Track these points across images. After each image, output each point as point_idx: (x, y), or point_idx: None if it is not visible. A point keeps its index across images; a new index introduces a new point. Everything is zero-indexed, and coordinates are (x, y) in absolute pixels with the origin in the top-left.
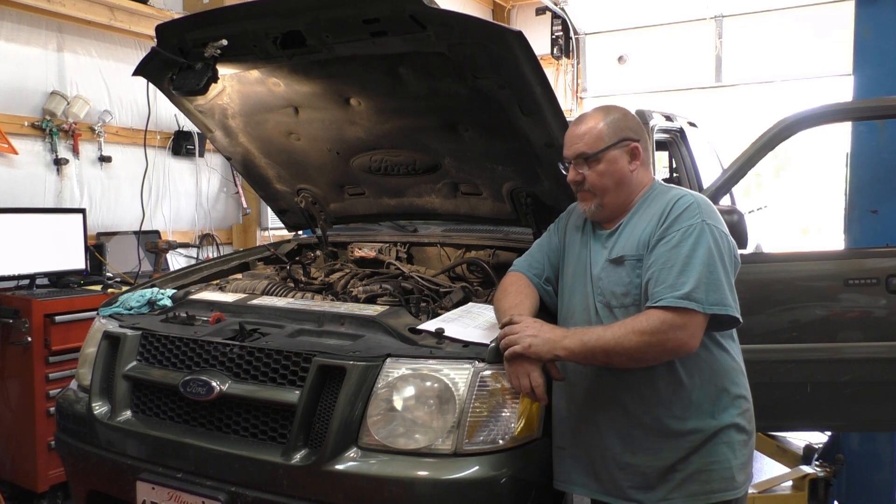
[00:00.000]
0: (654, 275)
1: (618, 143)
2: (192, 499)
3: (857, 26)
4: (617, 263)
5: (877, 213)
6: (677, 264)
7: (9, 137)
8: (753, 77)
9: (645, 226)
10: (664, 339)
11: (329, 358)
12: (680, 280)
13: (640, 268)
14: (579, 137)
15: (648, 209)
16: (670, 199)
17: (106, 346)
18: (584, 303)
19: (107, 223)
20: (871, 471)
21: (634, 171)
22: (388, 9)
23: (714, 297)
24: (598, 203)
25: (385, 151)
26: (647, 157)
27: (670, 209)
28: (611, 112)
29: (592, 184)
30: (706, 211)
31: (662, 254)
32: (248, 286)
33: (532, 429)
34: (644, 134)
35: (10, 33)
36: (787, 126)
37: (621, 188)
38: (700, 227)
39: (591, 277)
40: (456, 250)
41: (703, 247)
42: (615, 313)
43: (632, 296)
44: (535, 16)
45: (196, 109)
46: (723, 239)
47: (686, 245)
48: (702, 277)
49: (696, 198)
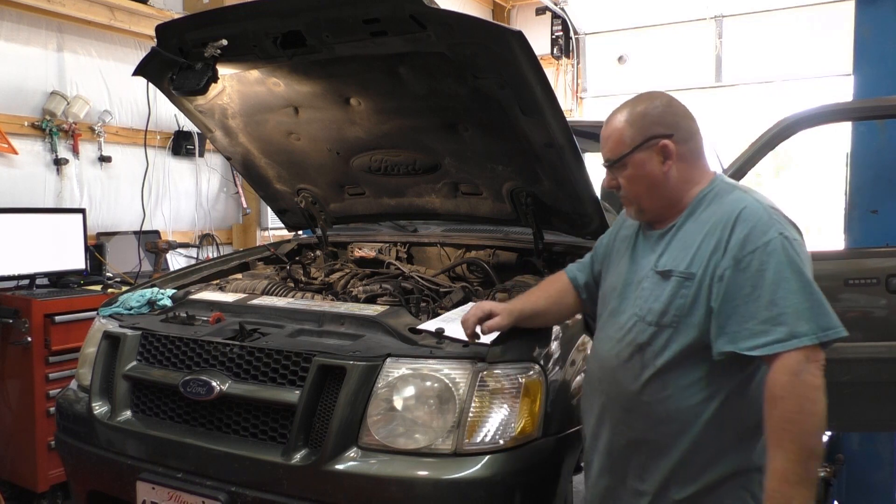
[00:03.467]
0: (735, 309)
1: (643, 144)
2: (193, 499)
3: (857, 26)
4: (663, 277)
5: (877, 213)
6: (764, 295)
7: (9, 137)
8: (753, 77)
9: (701, 238)
10: (807, 394)
11: (329, 358)
12: (775, 314)
13: (688, 287)
14: (604, 141)
15: (704, 214)
16: (732, 209)
17: (106, 346)
18: (620, 313)
19: (107, 223)
20: (871, 471)
21: (668, 171)
22: (388, 9)
23: (824, 322)
24: (637, 208)
25: (385, 151)
26: (689, 150)
27: (734, 223)
28: (638, 104)
29: (626, 191)
30: (778, 219)
31: (742, 283)
32: (248, 286)
33: (532, 429)
34: (686, 121)
35: (10, 33)
36: (787, 126)
37: (657, 192)
38: (780, 243)
39: (634, 283)
40: (456, 250)
41: (789, 267)
42: (649, 332)
43: (671, 315)
44: (535, 16)
45: (196, 109)
46: (802, 249)
47: (768, 269)
48: (802, 304)
49: (762, 204)
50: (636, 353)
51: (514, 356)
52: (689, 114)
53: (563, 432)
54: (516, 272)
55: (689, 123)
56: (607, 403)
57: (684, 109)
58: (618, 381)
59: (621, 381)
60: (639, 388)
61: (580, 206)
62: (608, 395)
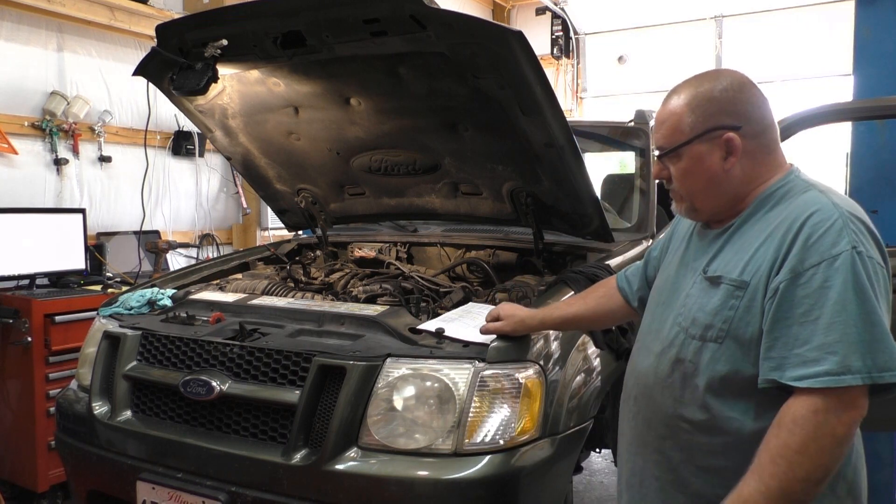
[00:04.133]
0: (787, 330)
1: (704, 135)
2: (193, 499)
3: (857, 26)
4: (712, 283)
5: (877, 213)
6: (823, 317)
7: (9, 137)
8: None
9: (760, 242)
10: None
11: (329, 358)
12: (829, 341)
13: (739, 297)
14: (659, 125)
15: (769, 214)
16: (802, 211)
17: (106, 346)
18: (662, 322)
19: (107, 223)
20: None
21: (731, 168)
22: (388, 9)
23: (882, 360)
24: (689, 206)
25: (385, 151)
26: (759, 145)
27: (800, 228)
28: (704, 85)
29: (678, 185)
30: (855, 230)
31: (799, 301)
32: (248, 286)
33: (532, 429)
34: (759, 111)
35: (10, 33)
36: (786, 126)
37: (714, 191)
38: (850, 258)
39: (681, 290)
40: (456, 250)
41: (854, 288)
42: (693, 346)
43: (716, 329)
44: (535, 16)
45: (196, 109)
46: (877, 272)
47: (832, 288)
48: (860, 335)
49: (840, 209)
50: (676, 369)
51: (514, 356)
52: (763, 101)
53: (563, 432)
54: (516, 272)
55: (762, 113)
56: (642, 426)
57: (759, 96)
58: (655, 401)
59: (658, 402)
60: (677, 411)
61: (580, 206)
62: (643, 417)
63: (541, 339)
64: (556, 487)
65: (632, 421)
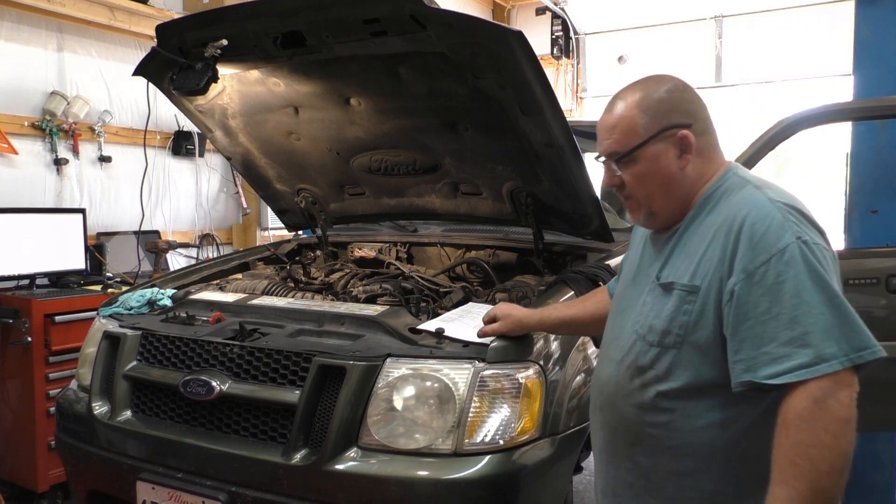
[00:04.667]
0: (750, 331)
1: (659, 134)
2: (193, 499)
3: (857, 26)
4: (665, 290)
5: (877, 213)
6: (784, 312)
7: (9, 137)
8: (753, 77)
9: (706, 245)
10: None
11: (329, 358)
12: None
13: (692, 302)
14: (609, 130)
15: (710, 217)
16: (739, 209)
17: (106, 346)
18: (621, 330)
19: (107, 223)
20: (871, 471)
21: (686, 166)
22: (388, 9)
23: (857, 341)
24: (647, 212)
25: (385, 151)
26: (707, 143)
27: (741, 228)
28: (650, 88)
29: (633, 190)
30: (795, 220)
31: (757, 300)
32: (248, 286)
33: (532, 429)
34: (700, 110)
35: (10, 33)
36: (787, 126)
37: (671, 192)
38: (797, 249)
39: (636, 297)
40: (456, 250)
41: (810, 277)
42: (651, 353)
43: (674, 335)
44: (535, 16)
45: (196, 109)
46: (825, 255)
47: (786, 282)
48: (829, 320)
49: (776, 203)
50: (636, 377)
51: (514, 356)
52: (703, 102)
53: (563, 432)
54: (516, 272)
55: (706, 113)
56: (609, 436)
57: (699, 97)
58: (618, 409)
59: (622, 410)
60: (640, 418)
61: (580, 206)
62: (610, 427)
63: (541, 339)
64: (556, 487)
65: (599, 431)
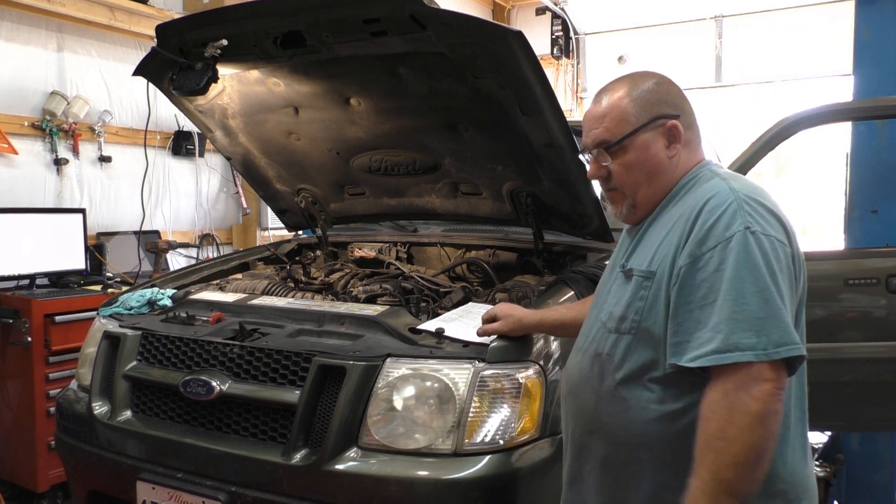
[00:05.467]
0: (688, 315)
1: (650, 123)
2: (193, 499)
3: (857, 26)
4: (626, 277)
5: (877, 213)
6: (718, 298)
7: (9, 137)
8: (753, 77)
9: (666, 231)
10: (732, 418)
11: (329, 358)
12: (720, 320)
13: (647, 288)
14: (598, 120)
15: (676, 206)
16: (700, 198)
17: (106, 346)
18: (591, 321)
19: (107, 223)
20: (871, 471)
21: (674, 156)
22: (388, 9)
23: (776, 336)
24: (629, 204)
25: (385, 151)
26: (693, 136)
27: (697, 214)
28: (639, 81)
29: (620, 181)
30: (750, 211)
31: (697, 285)
32: (248, 286)
33: (532, 429)
34: (686, 104)
35: (10, 33)
36: (787, 126)
37: (657, 180)
38: (741, 238)
39: (607, 287)
40: (456, 250)
41: (748, 266)
42: (610, 340)
43: (629, 321)
44: (535, 16)
45: (196, 109)
46: (776, 248)
47: (726, 269)
48: (752, 311)
49: (736, 193)
50: (595, 364)
51: (514, 356)
52: (686, 97)
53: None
54: (516, 272)
55: (690, 108)
56: (570, 425)
57: (684, 94)
58: (579, 397)
59: (582, 398)
60: (597, 406)
61: (580, 206)
62: (571, 415)
63: (541, 339)
64: (556, 487)
65: (564, 420)
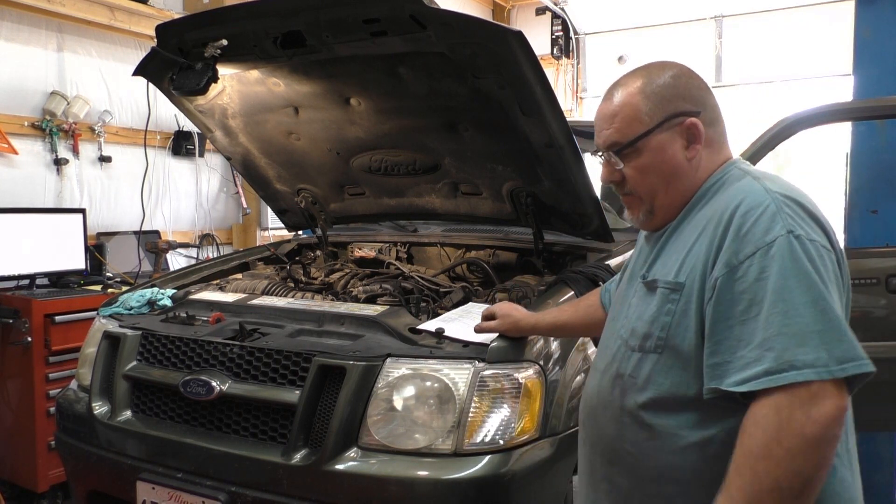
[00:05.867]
0: (729, 332)
1: (665, 122)
2: (193, 499)
3: (857, 26)
4: (649, 289)
5: (877, 213)
6: (763, 311)
7: (9, 137)
8: (753, 77)
9: (694, 239)
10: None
11: (329, 358)
12: (769, 336)
13: (675, 301)
14: (609, 119)
15: (703, 211)
16: (732, 200)
17: (106, 346)
18: (610, 336)
19: (107, 223)
20: (871, 471)
21: (693, 158)
22: (388, 9)
23: (840, 351)
24: (647, 210)
25: (385, 151)
26: (716, 133)
27: (731, 218)
28: (654, 74)
29: (635, 185)
30: (791, 213)
31: (737, 297)
32: (248, 286)
33: (532, 429)
34: (709, 98)
35: (10, 33)
36: (787, 126)
37: (676, 185)
38: (786, 243)
39: (627, 299)
40: (456, 250)
41: (796, 274)
42: (633, 359)
43: (655, 338)
44: (535, 16)
45: (196, 109)
46: (822, 255)
47: (770, 278)
48: (809, 325)
49: (773, 193)
50: (616, 385)
51: (514, 356)
52: (711, 90)
53: (563, 432)
54: (516, 272)
55: (714, 102)
56: (589, 453)
57: (707, 84)
58: (599, 423)
59: (602, 424)
60: (619, 433)
61: (580, 206)
62: (590, 443)
63: (541, 339)
64: (556, 488)
65: (581, 448)
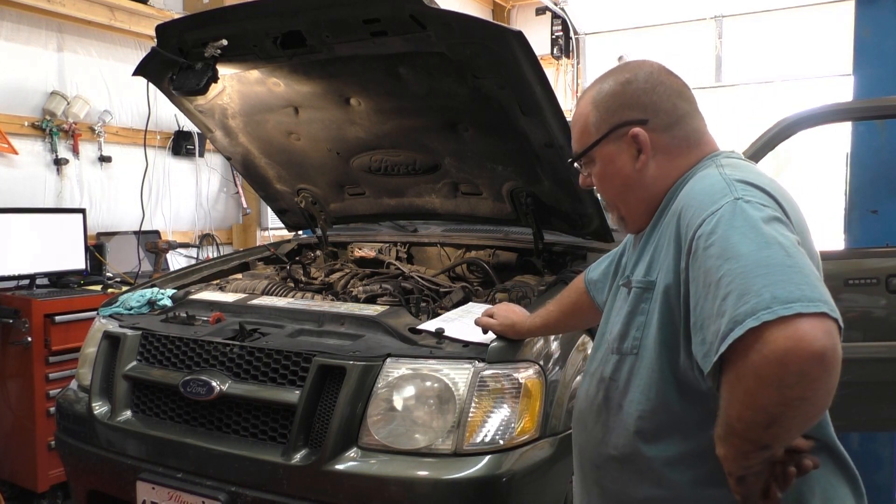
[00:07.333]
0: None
1: (610, 133)
2: (192, 499)
3: (857, 26)
4: (627, 290)
5: (877, 213)
6: (715, 278)
7: (9, 137)
8: (753, 77)
9: (659, 237)
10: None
11: (329, 358)
12: (724, 299)
13: (647, 300)
14: (572, 127)
15: (670, 207)
16: (689, 189)
17: (106, 346)
18: (600, 338)
19: (107, 223)
20: (871, 471)
21: (643, 167)
22: (388, 9)
23: (784, 292)
24: (617, 216)
25: (385, 151)
26: (674, 138)
27: (685, 203)
28: (607, 81)
29: (600, 193)
30: (740, 187)
31: (696, 277)
32: (248, 286)
33: (532, 429)
34: (671, 100)
35: (10, 33)
36: (787, 126)
37: (631, 195)
38: (729, 207)
39: (613, 302)
40: (456, 250)
41: (739, 228)
42: (612, 362)
43: (631, 339)
44: (535, 16)
45: (196, 109)
46: (773, 218)
47: (715, 244)
48: (752, 271)
49: (726, 178)
50: (601, 389)
51: (514, 356)
52: (678, 89)
53: (563, 432)
54: (516, 272)
55: (675, 103)
56: (578, 457)
57: (672, 84)
58: (587, 428)
59: (590, 429)
60: (604, 437)
61: (580, 206)
62: (579, 448)
63: (540, 339)
64: (556, 488)
65: (574, 451)
